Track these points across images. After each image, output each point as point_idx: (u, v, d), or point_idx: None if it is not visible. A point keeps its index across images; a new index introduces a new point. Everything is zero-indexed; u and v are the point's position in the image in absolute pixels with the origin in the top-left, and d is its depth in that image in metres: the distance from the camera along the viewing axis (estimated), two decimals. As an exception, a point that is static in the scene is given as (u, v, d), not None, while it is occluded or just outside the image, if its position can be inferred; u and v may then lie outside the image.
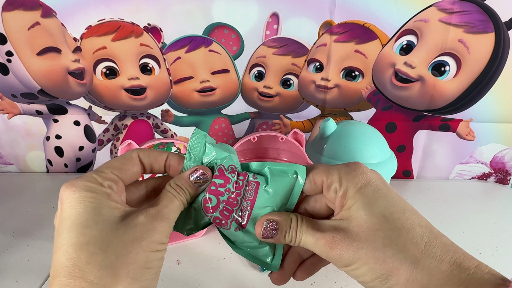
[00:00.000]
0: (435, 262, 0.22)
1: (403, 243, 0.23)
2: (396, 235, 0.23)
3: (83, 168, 0.86)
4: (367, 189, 0.25)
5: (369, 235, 0.24)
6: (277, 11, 0.71)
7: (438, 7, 0.68)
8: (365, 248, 0.24)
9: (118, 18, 0.71)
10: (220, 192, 0.28)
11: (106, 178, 0.26)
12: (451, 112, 0.76)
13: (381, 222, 0.24)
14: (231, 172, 0.29)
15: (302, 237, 0.27)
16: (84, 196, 0.24)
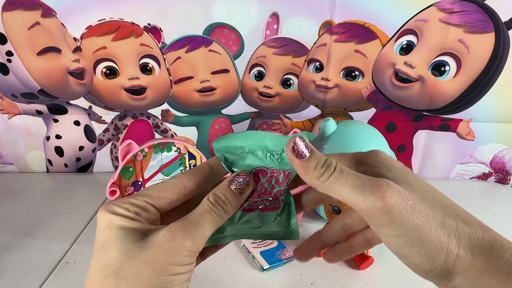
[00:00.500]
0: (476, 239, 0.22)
1: (454, 228, 0.22)
2: (448, 217, 0.22)
3: (83, 168, 0.86)
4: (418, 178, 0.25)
5: (429, 208, 0.22)
6: (277, 11, 0.71)
7: (438, 7, 0.68)
8: (424, 214, 0.22)
9: (118, 18, 0.71)
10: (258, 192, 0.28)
11: (135, 205, 0.25)
12: (451, 112, 0.76)
13: (438, 204, 0.23)
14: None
15: (342, 176, 0.23)
16: (112, 219, 0.24)
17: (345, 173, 0.23)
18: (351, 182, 0.22)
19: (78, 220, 0.68)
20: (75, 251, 0.59)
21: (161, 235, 0.23)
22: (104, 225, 0.24)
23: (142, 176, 0.58)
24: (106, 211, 0.24)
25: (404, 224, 0.21)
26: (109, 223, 0.24)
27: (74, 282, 0.53)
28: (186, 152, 0.60)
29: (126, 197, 0.26)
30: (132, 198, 0.25)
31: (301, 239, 0.29)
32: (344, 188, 0.22)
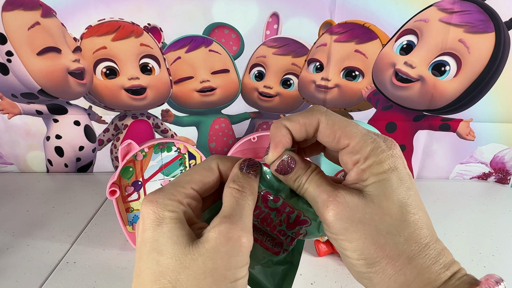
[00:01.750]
0: (430, 263, 0.22)
1: (407, 237, 0.22)
2: (403, 227, 0.23)
3: (83, 168, 0.86)
4: (393, 174, 0.23)
5: (376, 215, 0.23)
6: (277, 11, 0.71)
7: (438, 7, 0.68)
8: (367, 225, 0.22)
9: (118, 18, 0.71)
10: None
11: (186, 195, 0.24)
12: (451, 112, 0.76)
13: (394, 209, 0.23)
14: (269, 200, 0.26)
15: (308, 186, 0.25)
16: (162, 217, 0.22)
17: (311, 185, 0.25)
18: (312, 194, 0.25)
19: (78, 220, 0.68)
20: (75, 251, 0.59)
21: (213, 238, 0.21)
22: (154, 222, 0.22)
23: (142, 176, 0.58)
24: (155, 203, 0.22)
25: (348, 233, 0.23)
26: (159, 220, 0.22)
27: (74, 282, 0.53)
28: (186, 152, 0.60)
29: (172, 185, 0.24)
30: (179, 187, 0.24)
31: None
32: (309, 198, 0.25)
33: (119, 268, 0.56)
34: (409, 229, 0.23)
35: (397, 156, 0.24)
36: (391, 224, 0.23)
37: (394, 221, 0.23)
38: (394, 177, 0.23)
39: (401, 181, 0.23)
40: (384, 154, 0.24)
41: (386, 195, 0.23)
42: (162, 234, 0.22)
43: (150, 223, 0.22)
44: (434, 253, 0.23)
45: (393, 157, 0.24)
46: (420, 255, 0.22)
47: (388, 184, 0.23)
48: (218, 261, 0.21)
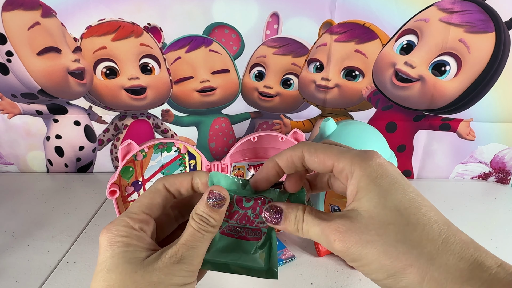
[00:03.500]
0: (454, 259, 0.20)
1: (418, 239, 0.21)
2: (410, 230, 0.22)
3: (83, 168, 0.86)
4: (383, 181, 0.23)
5: (380, 228, 0.22)
6: (277, 10, 0.71)
7: (438, 6, 0.68)
8: (375, 242, 0.22)
9: (118, 18, 0.71)
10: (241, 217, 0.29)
11: (137, 220, 0.26)
12: (452, 112, 0.76)
13: (394, 216, 0.22)
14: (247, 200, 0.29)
15: (308, 227, 0.25)
16: (113, 242, 0.25)
17: (310, 225, 0.25)
18: (315, 232, 0.25)
19: (78, 220, 0.68)
20: (75, 251, 0.59)
21: (161, 259, 0.24)
22: (106, 246, 0.25)
23: (142, 176, 0.58)
24: (109, 231, 0.25)
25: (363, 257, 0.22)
26: (110, 243, 0.25)
27: (74, 282, 0.53)
28: (186, 152, 0.60)
29: (124, 214, 0.27)
30: (131, 213, 0.27)
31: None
32: (314, 237, 0.25)
33: (119, 268, 0.56)
34: (416, 231, 0.22)
35: (381, 163, 0.24)
36: (397, 232, 0.22)
37: (398, 227, 0.22)
38: (384, 184, 0.23)
39: (393, 185, 0.23)
40: (366, 164, 0.24)
41: (381, 204, 0.23)
42: (113, 256, 0.24)
43: (103, 248, 0.25)
44: (457, 247, 0.21)
45: (377, 165, 0.24)
46: (441, 254, 0.21)
47: (380, 192, 0.23)
48: (162, 277, 0.24)
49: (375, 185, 0.23)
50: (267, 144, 0.65)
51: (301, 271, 0.55)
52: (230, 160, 0.61)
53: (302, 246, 0.60)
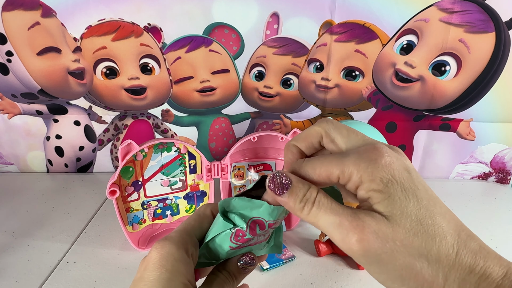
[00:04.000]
0: (464, 273, 0.20)
1: (437, 254, 0.20)
2: (431, 244, 0.20)
3: (83, 168, 0.86)
4: (393, 188, 0.21)
5: (406, 239, 0.21)
6: (277, 11, 0.71)
7: (438, 6, 0.68)
8: (400, 253, 0.20)
9: (118, 18, 0.71)
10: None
11: (192, 242, 0.27)
12: (452, 112, 0.76)
13: (417, 226, 0.21)
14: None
15: (321, 212, 0.22)
16: (163, 264, 0.25)
17: (323, 210, 0.22)
18: (329, 220, 0.22)
19: (78, 220, 0.68)
20: (75, 251, 0.59)
21: None
22: (156, 264, 0.25)
23: (142, 176, 0.58)
24: (162, 247, 0.25)
25: (383, 265, 0.21)
26: (161, 264, 0.25)
27: (74, 282, 0.53)
28: (186, 152, 0.60)
29: (182, 233, 0.27)
30: (187, 235, 0.27)
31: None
32: (324, 225, 0.22)
33: (119, 268, 0.56)
34: (435, 245, 0.20)
35: (388, 164, 0.22)
36: (420, 245, 0.20)
37: (422, 239, 0.21)
38: (397, 191, 0.21)
39: (406, 192, 0.21)
40: (373, 168, 0.22)
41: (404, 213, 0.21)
42: (159, 280, 0.24)
43: (153, 263, 0.25)
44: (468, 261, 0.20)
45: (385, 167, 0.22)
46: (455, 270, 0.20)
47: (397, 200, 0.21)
48: None
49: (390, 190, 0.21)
50: (267, 144, 0.65)
51: (301, 271, 0.55)
52: (230, 160, 0.61)
53: (302, 246, 0.60)
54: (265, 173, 0.66)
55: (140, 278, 0.25)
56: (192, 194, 0.63)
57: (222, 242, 0.28)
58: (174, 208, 0.62)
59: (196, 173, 0.62)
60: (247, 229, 0.27)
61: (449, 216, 0.22)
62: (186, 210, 0.63)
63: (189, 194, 0.62)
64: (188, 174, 0.61)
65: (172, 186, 0.61)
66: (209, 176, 0.61)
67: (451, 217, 0.22)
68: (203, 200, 0.63)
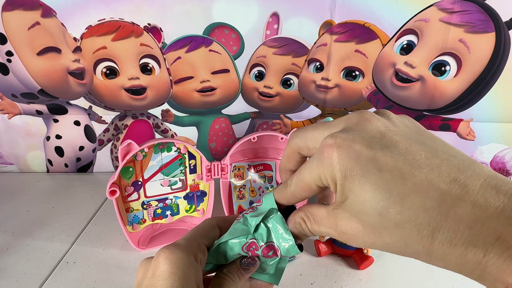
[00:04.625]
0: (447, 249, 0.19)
1: (410, 239, 0.20)
2: (400, 231, 0.20)
3: (83, 168, 0.86)
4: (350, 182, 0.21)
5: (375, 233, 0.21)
6: (277, 11, 0.71)
7: (438, 6, 0.68)
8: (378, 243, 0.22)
9: (118, 18, 0.71)
10: None
11: (200, 249, 0.27)
12: (452, 112, 0.76)
13: (380, 221, 0.20)
14: None
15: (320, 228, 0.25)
16: (174, 272, 0.24)
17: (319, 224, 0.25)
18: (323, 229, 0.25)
19: (78, 220, 0.68)
20: (75, 251, 0.59)
21: None
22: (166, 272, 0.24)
23: (142, 176, 0.58)
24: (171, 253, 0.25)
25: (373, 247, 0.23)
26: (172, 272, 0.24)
27: (74, 282, 0.53)
28: (186, 152, 0.60)
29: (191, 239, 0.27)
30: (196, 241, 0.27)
31: None
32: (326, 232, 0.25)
33: (119, 268, 0.56)
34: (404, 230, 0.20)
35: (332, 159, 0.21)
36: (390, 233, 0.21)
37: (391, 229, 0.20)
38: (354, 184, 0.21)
39: (364, 184, 0.20)
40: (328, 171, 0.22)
41: (362, 210, 0.21)
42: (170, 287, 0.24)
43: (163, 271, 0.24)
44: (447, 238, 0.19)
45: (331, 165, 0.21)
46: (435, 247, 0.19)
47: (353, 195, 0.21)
48: None
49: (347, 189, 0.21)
50: (267, 144, 0.65)
51: (301, 271, 0.55)
52: (230, 160, 0.61)
53: (302, 246, 0.60)
54: (265, 173, 0.66)
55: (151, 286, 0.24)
56: (192, 194, 0.63)
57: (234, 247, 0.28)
58: (174, 208, 0.62)
59: (196, 173, 0.62)
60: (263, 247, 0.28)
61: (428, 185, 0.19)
62: (186, 210, 0.63)
63: (189, 194, 0.62)
64: (188, 174, 0.61)
65: (172, 186, 0.61)
66: (209, 176, 0.61)
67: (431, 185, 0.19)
68: (203, 200, 0.63)
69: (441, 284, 0.52)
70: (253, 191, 0.65)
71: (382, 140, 0.21)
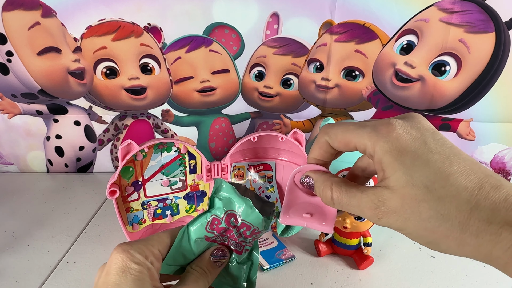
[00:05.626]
0: (484, 225, 0.21)
1: (448, 213, 0.22)
2: (441, 205, 0.22)
3: (83, 168, 0.86)
4: (404, 158, 0.23)
5: (414, 207, 0.23)
6: (278, 11, 0.71)
7: (438, 6, 0.68)
8: (412, 220, 0.23)
9: (118, 18, 0.71)
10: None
11: (153, 253, 0.28)
12: (452, 112, 0.76)
13: (424, 193, 0.22)
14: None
15: (343, 198, 0.26)
16: (127, 268, 0.26)
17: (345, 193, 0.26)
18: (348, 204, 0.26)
19: (78, 220, 0.68)
20: (75, 251, 0.59)
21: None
22: (118, 269, 0.25)
23: (142, 176, 0.58)
24: (126, 253, 0.26)
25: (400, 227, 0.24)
26: (123, 268, 0.25)
27: (74, 282, 0.53)
28: (186, 152, 0.60)
29: (144, 241, 0.28)
30: (149, 245, 0.28)
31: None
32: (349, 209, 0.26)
33: (119, 268, 0.56)
34: (446, 204, 0.22)
35: (399, 136, 0.24)
36: (429, 208, 0.22)
37: (430, 204, 0.22)
38: (407, 161, 0.23)
39: (416, 160, 0.23)
40: (384, 141, 0.24)
41: (410, 184, 0.23)
42: (125, 282, 0.25)
43: (116, 268, 0.25)
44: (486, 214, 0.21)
45: (395, 140, 0.24)
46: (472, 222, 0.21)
47: (405, 171, 0.23)
48: None
49: (399, 163, 0.23)
50: (267, 144, 0.65)
51: (301, 271, 0.55)
52: (230, 160, 0.61)
53: (302, 246, 0.60)
54: (265, 173, 0.66)
55: (104, 283, 0.26)
56: (192, 194, 0.63)
57: (197, 232, 0.30)
58: (174, 208, 0.62)
59: (196, 173, 0.62)
60: (224, 218, 0.30)
61: (470, 171, 0.23)
62: (186, 210, 0.63)
63: (189, 194, 0.62)
64: (188, 174, 0.61)
65: (172, 186, 0.61)
66: (209, 176, 0.61)
67: (472, 171, 0.23)
68: (203, 200, 0.63)
69: (441, 284, 0.52)
70: (253, 191, 0.65)
71: (434, 134, 0.24)
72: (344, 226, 0.53)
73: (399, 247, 0.60)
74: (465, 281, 0.52)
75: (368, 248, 0.54)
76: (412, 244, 0.61)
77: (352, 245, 0.55)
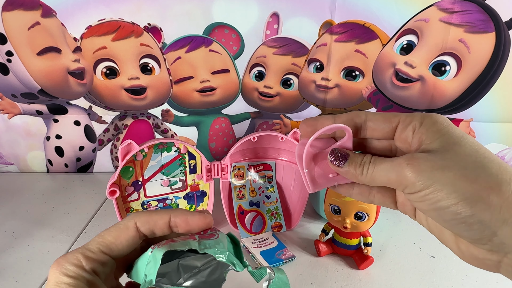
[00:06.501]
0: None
1: (496, 169, 0.22)
2: (488, 162, 0.22)
3: (83, 168, 0.86)
4: (452, 128, 0.24)
5: (457, 157, 0.22)
6: (278, 11, 0.71)
7: (438, 6, 0.68)
8: (452, 167, 0.22)
9: (118, 18, 0.71)
10: None
11: (91, 259, 0.24)
12: (452, 112, 0.76)
13: (473, 152, 0.23)
14: None
15: (376, 165, 0.26)
16: (59, 282, 0.23)
17: (378, 163, 0.26)
18: (385, 168, 0.25)
19: (78, 220, 0.68)
20: (75, 251, 0.59)
21: None
22: (53, 283, 0.23)
23: (142, 176, 0.58)
24: (57, 265, 0.23)
25: (436, 181, 0.22)
26: (56, 282, 0.23)
27: (74, 282, 0.53)
28: (186, 152, 0.60)
29: (82, 248, 0.24)
30: (88, 251, 0.24)
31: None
32: (381, 175, 0.25)
33: (119, 268, 0.56)
34: (494, 163, 0.22)
35: (447, 124, 0.25)
36: (475, 161, 0.22)
37: (476, 158, 0.22)
38: (456, 130, 0.24)
39: (463, 136, 0.24)
40: (435, 118, 0.25)
41: (457, 143, 0.23)
42: None
43: (51, 283, 0.23)
44: None
45: (445, 120, 0.25)
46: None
47: (453, 135, 0.24)
48: None
49: (446, 130, 0.24)
50: (267, 144, 0.65)
51: (301, 271, 0.55)
52: (230, 160, 0.61)
53: (302, 246, 0.60)
54: (265, 173, 0.66)
55: None
56: (192, 194, 0.63)
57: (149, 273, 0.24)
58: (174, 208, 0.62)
59: (196, 173, 0.62)
60: None
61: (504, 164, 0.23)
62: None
63: (189, 194, 0.62)
64: (188, 174, 0.61)
65: (172, 186, 0.61)
66: (209, 176, 0.61)
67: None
68: (203, 200, 0.63)
69: (441, 284, 0.52)
70: (253, 191, 0.65)
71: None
72: (344, 226, 0.53)
73: (399, 247, 0.60)
74: (465, 281, 0.52)
75: (368, 248, 0.54)
76: (412, 244, 0.61)
77: (352, 245, 0.55)
